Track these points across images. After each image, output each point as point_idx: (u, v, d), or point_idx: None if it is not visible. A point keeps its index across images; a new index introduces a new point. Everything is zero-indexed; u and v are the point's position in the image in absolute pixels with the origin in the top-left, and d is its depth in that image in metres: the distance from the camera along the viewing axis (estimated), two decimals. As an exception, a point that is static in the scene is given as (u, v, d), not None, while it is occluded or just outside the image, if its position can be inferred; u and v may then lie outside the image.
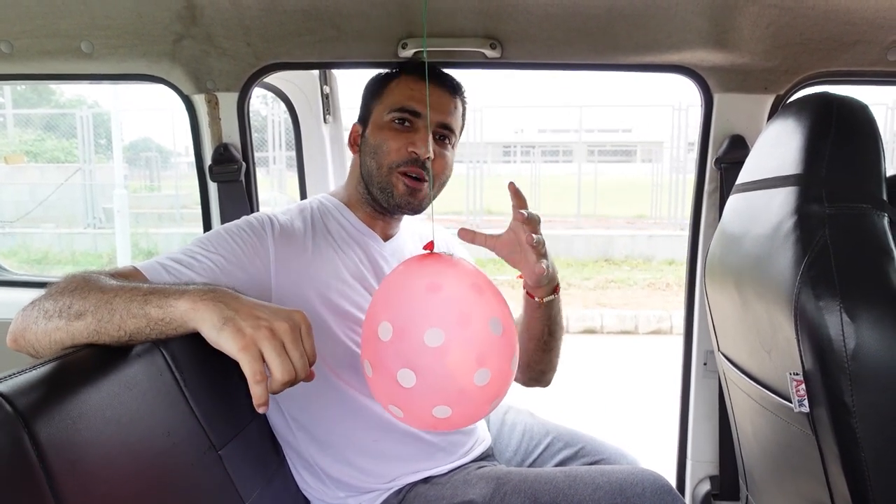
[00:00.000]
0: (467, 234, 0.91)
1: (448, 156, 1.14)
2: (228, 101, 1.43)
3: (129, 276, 0.88)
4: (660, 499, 0.95)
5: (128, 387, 0.76)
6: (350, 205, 1.17)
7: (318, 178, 1.77)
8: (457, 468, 1.10)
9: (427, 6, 1.26)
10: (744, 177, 1.11)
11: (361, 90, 1.21)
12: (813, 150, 0.88)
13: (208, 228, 1.52)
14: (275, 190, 9.41)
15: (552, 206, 10.91)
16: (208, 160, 1.46)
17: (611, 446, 1.22)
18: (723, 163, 1.41)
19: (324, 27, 1.33)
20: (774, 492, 1.13)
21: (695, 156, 1.49)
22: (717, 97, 1.39)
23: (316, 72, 1.69)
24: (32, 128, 11.10)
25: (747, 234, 1.02)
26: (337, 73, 1.77)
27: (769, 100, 1.38)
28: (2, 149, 11.07)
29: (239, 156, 1.45)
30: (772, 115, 1.38)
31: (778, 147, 0.98)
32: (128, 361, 0.78)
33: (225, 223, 1.28)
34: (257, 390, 0.69)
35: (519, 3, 1.26)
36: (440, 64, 1.30)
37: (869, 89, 1.45)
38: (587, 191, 10.08)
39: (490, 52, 1.33)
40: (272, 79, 1.57)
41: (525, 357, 1.12)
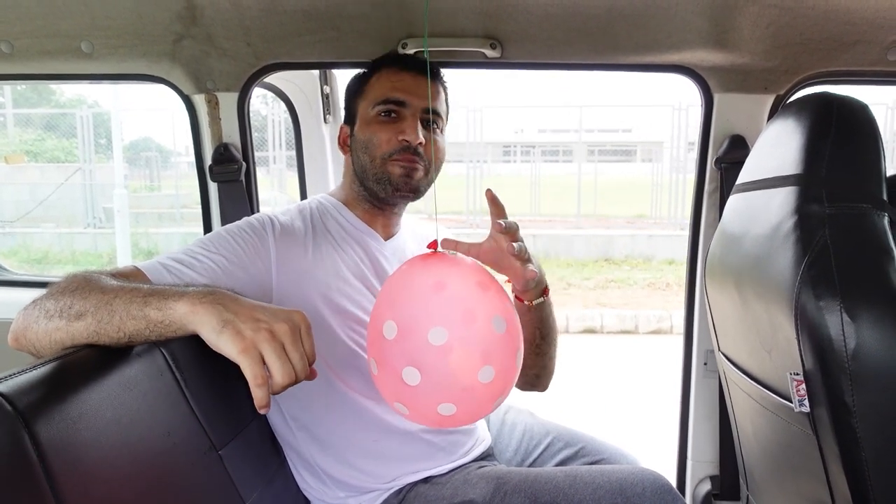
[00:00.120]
0: (449, 244, 0.91)
1: (439, 140, 1.14)
2: (228, 101, 1.43)
3: (130, 275, 0.88)
4: (660, 498, 0.95)
5: (128, 387, 0.76)
6: (348, 204, 1.17)
7: (318, 177, 1.77)
8: (457, 468, 1.10)
9: (427, 6, 1.26)
10: (744, 177, 1.11)
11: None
12: (813, 150, 0.88)
13: (208, 228, 1.52)
14: (275, 190, 9.41)
15: (552, 205, 10.92)
16: (208, 160, 1.46)
17: (611, 446, 1.22)
18: (723, 163, 1.41)
19: (324, 27, 1.33)
20: (775, 492, 1.13)
21: (695, 156, 1.49)
22: (717, 97, 1.39)
23: (316, 72, 1.69)
24: (32, 127, 11.10)
25: (747, 233, 1.02)
26: (337, 73, 1.77)
27: (769, 100, 1.39)
28: (2, 148, 11.07)
29: (239, 156, 1.45)
30: (772, 115, 1.38)
31: (778, 147, 0.98)
32: (128, 361, 0.78)
33: (225, 223, 1.28)
34: (259, 393, 0.69)
35: (519, 4, 1.26)
36: (440, 64, 1.30)
37: (869, 89, 1.45)
38: (587, 191, 10.07)
39: (490, 52, 1.33)
40: (272, 79, 1.57)
41: None
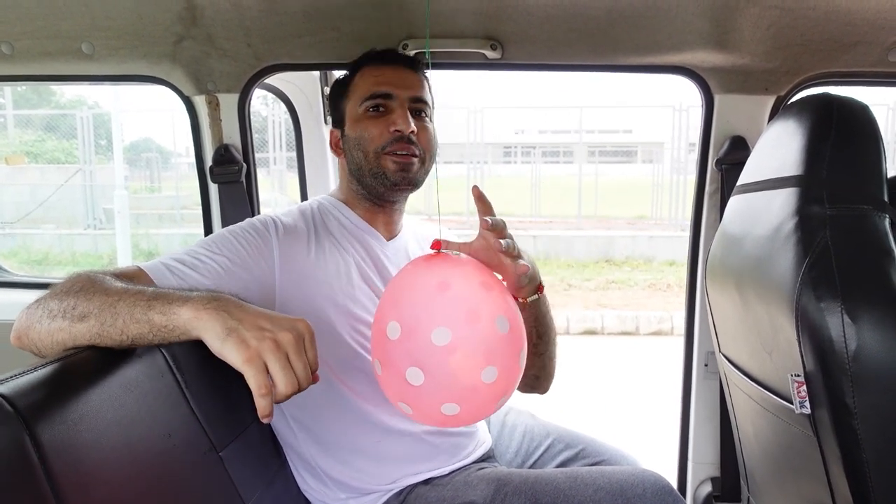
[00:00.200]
0: (439, 245, 0.91)
1: (430, 128, 1.14)
2: (229, 102, 1.43)
3: (133, 276, 0.88)
4: (661, 500, 0.95)
5: (129, 388, 0.76)
6: (348, 203, 1.18)
7: (318, 178, 1.77)
8: (458, 469, 1.10)
9: (429, 7, 1.26)
10: (745, 178, 1.11)
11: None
12: (814, 152, 0.88)
13: (209, 230, 1.52)
14: (275, 191, 9.42)
15: (553, 206, 10.92)
16: (209, 161, 1.46)
17: (612, 448, 1.22)
18: (724, 164, 1.41)
19: (324, 28, 1.33)
20: (776, 493, 1.13)
21: (695, 157, 1.49)
22: (717, 98, 1.39)
23: (316, 73, 1.69)
24: (33, 128, 11.10)
25: (748, 235, 1.02)
26: (338, 74, 1.77)
27: (770, 101, 1.38)
28: (2, 149, 11.08)
29: (240, 157, 1.45)
30: (772, 116, 1.38)
31: (779, 148, 0.98)
32: (129, 363, 0.78)
33: (226, 224, 1.28)
34: (262, 402, 0.69)
35: (519, 4, 1.26)
36: (441, 65, 1.30)
37: (870, 90, 1.45)
38: (588, 191, 10.08)
39: (490, 53, 1.34)
40: (273, 80, 1.57)
41: None
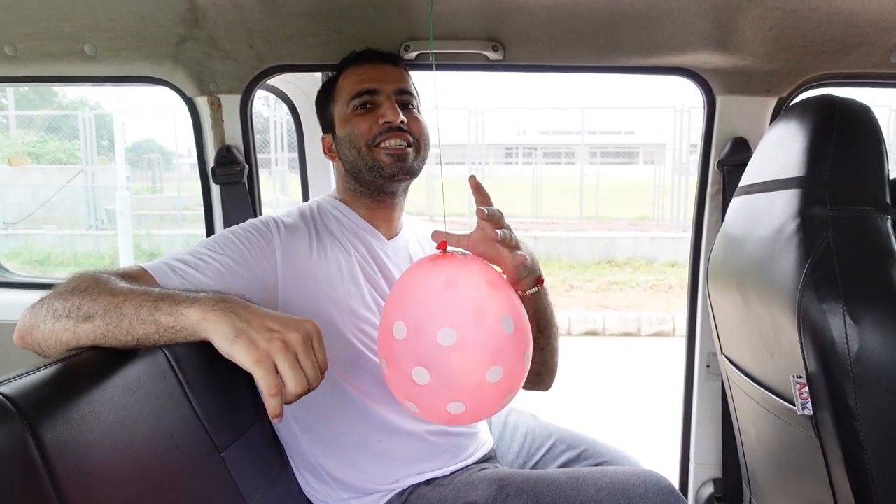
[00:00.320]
0: (439, 235, 0.91)
1: (419, 117, 1.15)
2: (231, 103, 1.43)
3: (136, 276, 0.88)
4: (662, 500, 0.95)
5: (131, 389, 0.77)
6: (347, 202, 1.18)
7: (320, 179, 1.77)
8: (459, 470, 1.10)
9: (432, 9, 1.26)
10: (746, 179, 1.11)
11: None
12: (816, 153, 0.88)
13: (211, 230, 1.52)
14: (277, 192, 9.43)
15: (554, 207, 10.91)
16: (211, 162, 1.46)
17: (613, 448, 1.22)
18: (725, 165, 1.41)
19: (326, 30, 1.33)
20: (778, 495, 1.12)
21: (697, 158, 1.49)
22: (719, 99, 1.39)
23: (318, 74, 1.69)
24: (35, 129, 11.12)
25: (750, 236, 1.02)
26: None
27: (772, 102, 1.38)
28: (5, 150, 11.10)
29: (242, 158, 1.46)
30: (774, 118, 1.38)
31: (781, 149, 0.98)
32: (131, 363, 0.79)
33: (227, 225, 1.28)
34: (272, 402, 0.70)
35: (521, 6, 1.26)
36: (443, 66, 1.30)
37: (872, 91, 1.45)
38: (589, 192, 10.07)
39: (492, 55, 1.34)
40: (275, 81, 1.57)
41: None
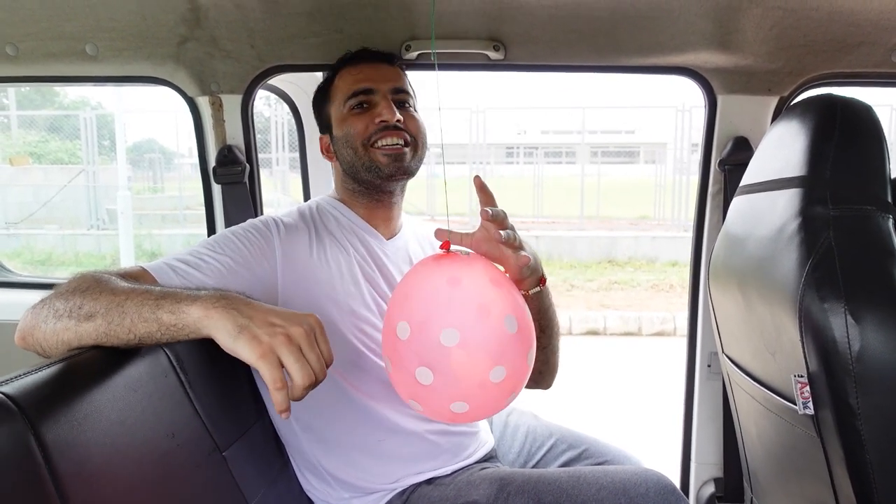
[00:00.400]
0: (442, 234, 0.90)
1: (416, 116, 1.15)
2: (232, 103, 1.43)
3: (137, 276, 0.88)
4: (664, 499, 0.95)
5: (133, 388, 0.77)
6: (346, 202, 1.18)
7: (321, 179, 1.77)
8: (460, 469, 1.10)
9: (434, 9, 1.26)
10: (748, 178, 1.11)
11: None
12: (817, 152, 0.88)
13: (212, 230, 1.52)
14: (278, 191, 9.43)
15: (555, 207, 10.91)
16: (212, 162, 1.46)
17: (614, 448, 1.22)
18: (726, 164, 1.41)
19: (327, 30, 1.33)
20: (779, 494, 1.12)
21: (698, 157, 1.49)
22: (720, 99, 1.39)
23: (320, 74, 1.69)
24: (36, 129, 11.14)
25: (751, 235, 1.02)
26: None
27: (773, 101, 1.38)
28: (6, 150, 11.12)
29: (243, 157, 1.46)
30: (776, 117, 1.38)
31: (782, 149, 0.98)
32: (133, 363, 0.79)
33: (229, 225, 1.28)
34: (279, 397, 0.70)
35: (522, 6, 1.26)
36: (444, 66, 1.30)
37: (873, 91, 1.45)
38: (590, 192, 10.07)
39: (493, 54, 1.34)
40: (276, 81, 1.57)
41: None
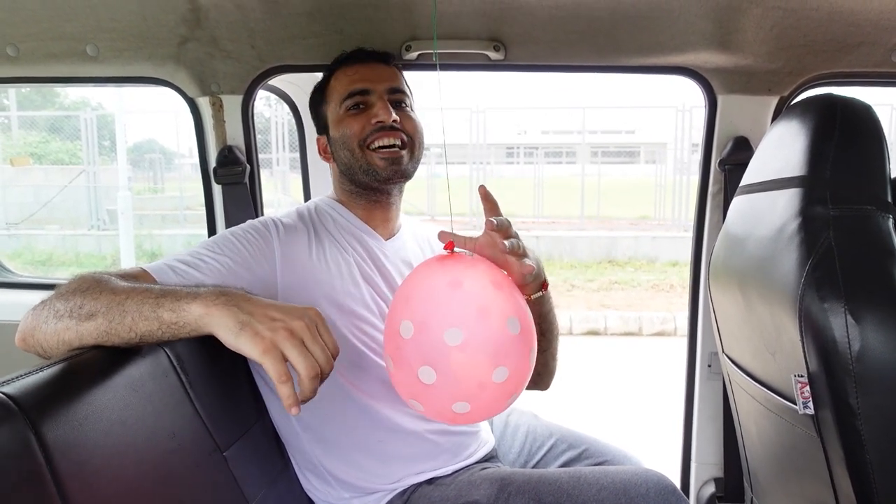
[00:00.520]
0: (446, 236, 0.91)
1: (413, 116, 1.15)
2: (233, 103, 1.43)
3: (137, 277, 0.89)
4: (664, 499, 0.95)
5: (133, 388, 0.77)
6: (344, 203, 1.19)
7: (321, 180, 1.77)
8: (461, 469, 1.10)
9: (435, 9, 1.26)
10: (748, 178, 1.11)
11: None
12: (817, 152, 0.88)
13: (213, 230, 1.52)
14: (278, 192, 9.43)
15: (555, 207, 10.91)
16: (213, 162, 1.47)
17: (615, 448, 1.22)
18: (727, 164, 1.41)
19: (328, 30, 1.33)
20: (779, 494, 1.12)
21: (698, 157, 1.49)
22: (720, 99, 1.39)
23: (320, 74, 1.69)
24: (37, 130, 11.15)
25: (751, 235, 1.02)
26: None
27: (773, 101, 1.38)
28: (7, 151, 11.13)
29: (243, 158, 1.46)
30: (776, 117, 1.38)
31: (782, 149, 0.98)
32: (133, 363, 0.79)
33: (229, 225, 1.28)
34: (284, 391, 0.71)
35: (522, 6, 1.26)
36: (444, 66, 1.30)
37: (873, 91, 1.45)
38: (590, 192, 10.06)
39: (494, 55, 1.34)
40: (276, 81, 1.57)
41: None
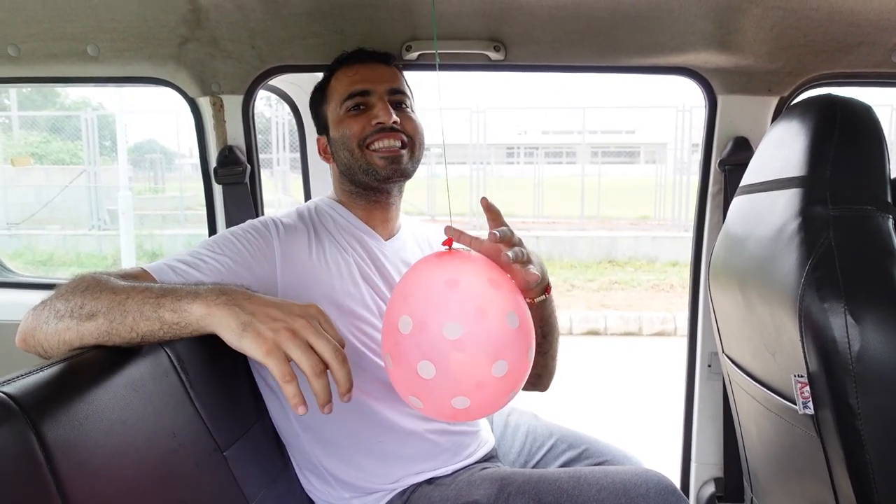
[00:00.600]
0: (454, 232, 0.91)
1: (413, 117, 1.15)
2: (233, 103, 1.43)
3: (137, 277, 0.89)
4: (664, 499, 0.95)
5: (134, 388, 0.77)
6: (344, 203, 1.19)
7: (322, 180, 1.77)
8: (461, 469, 1.10)
9: (434, 9, 1.27)
10: (748, 179, 1.11)
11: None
12: (817, 152, 0.88)
13: (213, 230, 1.52)
14: (279, 192, 9.44)
15: (555, 207, 10.92)
16: (213, 162, 1.47)
17: (615, 448, 1.22)
18: (727, 164, 1.41)
19: (328, 30, 1.33)
20: (779, 494, 1.13)
21: (698, 157, 1.49)
22: (720, 99, 1.39)
23: (320, 74, 1.69)
24: (38, 130, 11.16)
25: (751, 235, 1.02)
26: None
27: (773, 101, 1.38)
28: (8, 151, 11.13)
29: (244, 158, 1.46)
30: (776, 117, 1.38)
31: (782, 149, 0.98)
32: (134, 362, 0.79)
33: (230, 225, 1.29)
34: (290, 390, 0.71)
35: (523, 6, 1.26)
36: (445, 66, 1.30)
37: (873, 91, 1.45)
38: (591, 192, 10.06)
39: (494, 55, 1.34)
40: (276, 81, 1.58)
41: None
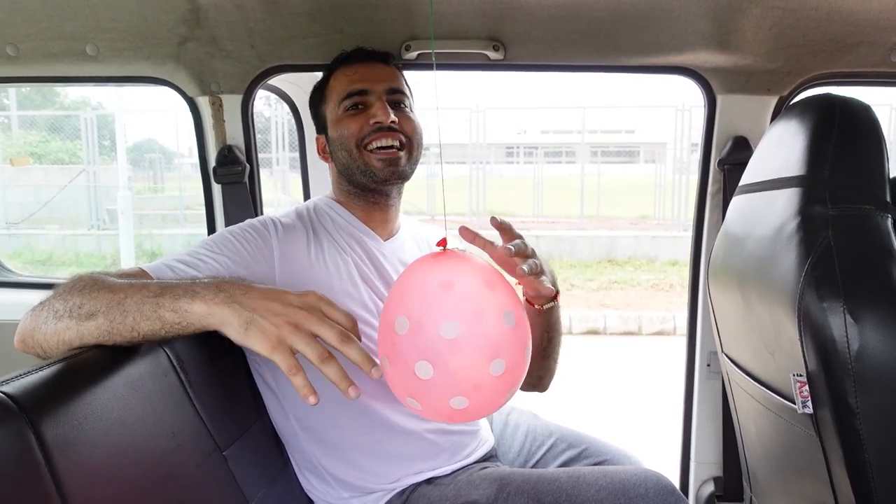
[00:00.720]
0: (468, 234, 0.90)
1: (412, 117, 1.15)
2: (232, 103, 1.43)
3: (135, 277, 0.89)
4: (663, 499, 0.95)
5: (133, 388, 0.77)
6: (343, 203, 1.19)
7: (321, 179, 1.77)
8: (460, 469, 1.10)
9: (432, 9, 1.27)
10: (747, 178, 1.11)
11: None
12: (816, 152, 0.88)
13: (212, 230, 1.52)
14: (278, 191, 9.43)
15: (555, 207, 10.92)
16: (212, 162, 1.47)
17: (614, 447, 1.22)
18: (726, 164, 1.41)
19: (328, 30, 1.33)
20: (778, 493, 1.13)
21: (698, 157, 1.49)
22: (720, 98, 1.39)
23: (320, 74, 1.69)
24: (37, 129, 11.15)
25: (750, 235, 1.02)
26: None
27: (772, 101, 1.38)
28: (7, 151, 11.13)
29: (243, 157, 1.46)
30: (775, 117, 1.38)
31: (781, 148, 0.98)
32: (133, 362, 0.79)
33: (229, 224, 1.28)
34: (298, 381, 0.73)
35: (522, 6, 1.26)
36: (444, 66, 1.30)
37: (872, 90, 1.45)
38: (590, 192, 10.06)
39: (493, 54, 1.34)
40: (276, 80, 1.58)
41: None
